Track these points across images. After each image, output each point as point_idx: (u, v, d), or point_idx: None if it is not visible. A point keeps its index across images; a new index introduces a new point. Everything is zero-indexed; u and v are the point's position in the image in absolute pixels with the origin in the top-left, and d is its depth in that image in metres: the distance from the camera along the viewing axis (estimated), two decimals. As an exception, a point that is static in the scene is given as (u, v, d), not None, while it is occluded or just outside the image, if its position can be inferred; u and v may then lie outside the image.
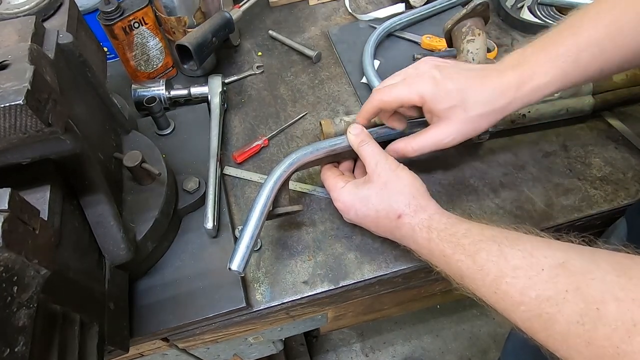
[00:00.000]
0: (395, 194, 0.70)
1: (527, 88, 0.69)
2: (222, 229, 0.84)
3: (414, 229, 0.68)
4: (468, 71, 0.74)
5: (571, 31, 0.68)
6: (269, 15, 1.31)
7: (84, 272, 0.61)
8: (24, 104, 0.46)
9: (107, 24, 0.95)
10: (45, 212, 0.55)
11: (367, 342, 2.11)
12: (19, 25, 0.61)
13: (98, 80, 0.75)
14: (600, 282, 0.47)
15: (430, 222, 0.67)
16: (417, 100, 0.72)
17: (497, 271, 0.56)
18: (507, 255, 0.56)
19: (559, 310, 0.49)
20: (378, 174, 0.72)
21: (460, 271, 0.61)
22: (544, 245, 0.56)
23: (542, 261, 0.53)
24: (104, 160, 0.72)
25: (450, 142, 0.75)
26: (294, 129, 1.02)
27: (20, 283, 0.42)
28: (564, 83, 0.69)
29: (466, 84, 0.71)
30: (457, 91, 0.71)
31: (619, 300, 0.45)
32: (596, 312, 0.46)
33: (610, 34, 0.65)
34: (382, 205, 0.71)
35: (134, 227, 0.74)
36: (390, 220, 0.71)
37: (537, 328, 0.52)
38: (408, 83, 0.74)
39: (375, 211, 0.72)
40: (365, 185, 0.73)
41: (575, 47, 0.67)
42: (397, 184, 0.71)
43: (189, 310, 0.76)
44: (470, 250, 0.60)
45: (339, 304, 0.90)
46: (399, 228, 0.70)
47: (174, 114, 1.02)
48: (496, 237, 0.60)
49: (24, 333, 0.43)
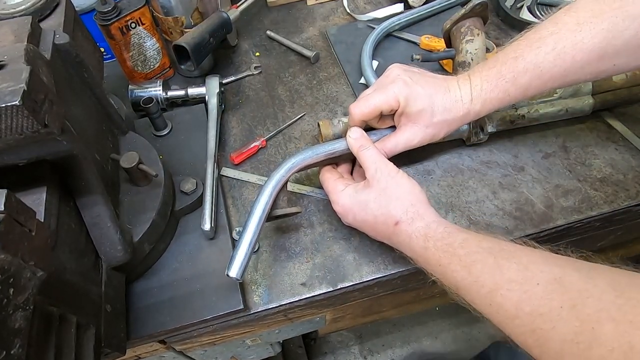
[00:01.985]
0: (394, 200, 0.70)
1: (479, 102, 0.76)
2: (219, 231, 0.84)
3: (411, 237, 0.68)
4: (434, 79, 0.80)
5: (514, 55, 0.74)
6: (267, 16, 1.31)
7: (80, 273, 0.61)
8: (20, 105, 0.46)
9: (104, 24, 0.95)
10: (41, 214, 0.55)
11: (366, 345, 2.10)
12: (15, 26, 0.60)
13: (95, 80, 0.75)
14: (596, 300, 0.47)
15: (427, 230, 0.67)
16: (394, 103, 0.76)
17: (492, 283, 0.57)
18: (503, 268, 0.56)
19: (553, 327, 0.49)
20: (377, 180, 0.72)
21: (456, 282, 0.62)
22: (540, 259, 0.56)
23: (538, 275, 0.53)
24: (100, 161, 0.71)
25: (418, 143, 0.80)
26: (292, 130, 1.02)
27: (16, 285, 0.41)
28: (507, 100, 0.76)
29: (433, 91, 0.77)
30: (426, 96, 0.76)
31: (615, 321, 0.44)
32: (591, 332, 0.46)
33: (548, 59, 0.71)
34: (380, 211, 0.71)
35: (131, 228, 0.74)
36: (387, 227, 0.71)
37: (532, 343, 0.52)
38: (383, 89, 0.78)
39: (374, 217, 0.72)
40: (364, 190, 0.74)
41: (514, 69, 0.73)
42: (395, 191, 0.71)
43: (186, 312, 0.75)
44: (465, 262, 0.60)
45: (338, 306, 0.89)
46: (396, 235, 0.70)
47: (171, 115, 1.02)
48: (493, 249, 0.60)
49: (20, 335, 0.42)
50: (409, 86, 0.76)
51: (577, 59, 0.69)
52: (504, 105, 0.77)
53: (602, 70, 0.71)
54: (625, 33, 0.66)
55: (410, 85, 0.76)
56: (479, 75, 0.77)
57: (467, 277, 0.60)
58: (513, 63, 0.73)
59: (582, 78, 0.73)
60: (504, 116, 0.90)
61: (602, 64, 0.70)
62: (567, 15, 0.71)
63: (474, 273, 0.59)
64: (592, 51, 0.68)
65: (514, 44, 0.75)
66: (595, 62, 0.69)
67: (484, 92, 0.76)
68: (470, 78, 0.78)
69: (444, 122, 0.78)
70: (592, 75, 0.72)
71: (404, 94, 0.75)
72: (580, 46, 0.68)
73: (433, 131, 0.79)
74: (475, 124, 0.89)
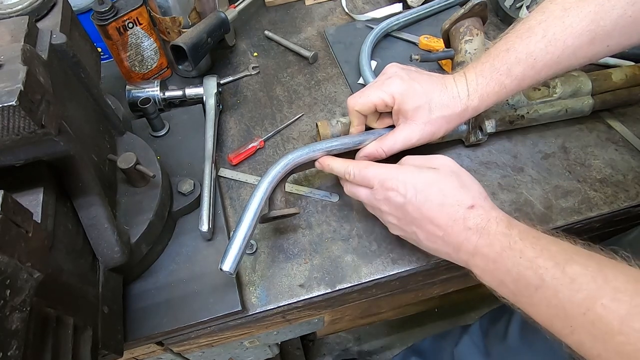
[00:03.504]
0: (469, 184, 0.68)
1: (476, 97, 0.76)
2: (217, 232, 0.83)
3: (490, 221, 0.62)
4: (430, 76, 0.79)
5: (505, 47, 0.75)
6: (265, 16, 1.30)
7: (77, 275, 0.60)
8: (16, 105, 0.45)
9: (101, 24, 0.94)
10: (38, 215, 0.55)
11: (364, 346, 2.10)
12: (12, 26, 0.60)
13: (92, 81, 0.75)
14: None
15: (509, 220, 0.62)
16: (389, 99, 0.76)
17: (592, 289, 0.49)
18: (608, 275, 0.50)
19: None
20: (444, 164, 0.71)
21: (541, 279, 0.54)
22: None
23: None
24: (97, 162, 0.71)
25: (417, 142, 0.79)
26: (290, 131, 1.02)
27: (13, 286, 0.41)
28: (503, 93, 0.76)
29: (430, 88, 0.77)
30: (424, 92, 0.76)
31: None
32: None
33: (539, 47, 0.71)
34: (453, 192, 0.66)
35: (128, 229, 0.73)
36: (459, 208, 0.65)
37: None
38: (379, 85, 0.78)
39: (443, 195, 0.66)
40: (429, 170, 0.70)
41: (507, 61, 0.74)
42: (468, 177, 0.69)
43: (183, 313, 0.75)
44: (559, 258, 0.54)
45: (336, 307, 0.89)
46: (467, 219, 0.64)
47: (168, 115, 1.02)
48: (592, 255, 0.53)
49: (16, 337, 0.42)
50: (406, 82, 0.76)
51: (568, 44, 0.70)
52: (501, 99, 0.77)
53: (595, 52, 0.71)
54: (612, 13, 0.67)
55: (406, 82, 0.76)
56: (474, 71, 0.77)
57: (559, 276, 0.52)
58: (505, 55, 0.74)
59: (575, 63, 0.73)
60: (503, 116, 0.89)
61: (594, 47, 0.70)
62: (553, 4, 0.72)
63: (569, 273, 0.52)
64: (582, 34, 0.69)
65: (505, 37, 0.76)
66: (587, 45, 0.70)
67: (480, 86, 0.76)
68: (465, 74, 0.78)
69: (442, 118, 0.77)
70: (587, 58, 0.72)
71: (399, 90, 0.75)
72: (570, 31, 0.69)
73: (432, 129, 0.78)
74: (474, 125, 0.89)
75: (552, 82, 0.91)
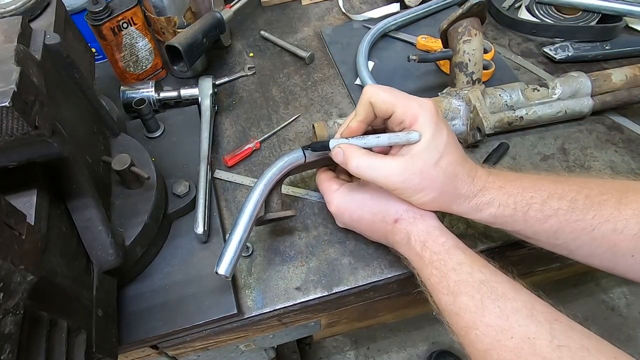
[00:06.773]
0: (395, 197, 0.67)
1: (485, 214, 0.66)
2: (212, 234, 0.83)
3: (410, 238, 0.66)
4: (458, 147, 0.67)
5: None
6: (261, 16, 1.30)
7: (71, 278, 0.60)
8: (10, 106, 0.45)
9: (95, 25, 0.94)
10: (31, 217, 0.55)
11: (361, 350, 2.10)
12: (5, 26, 0.60)
13: (86, 81, 0.74)
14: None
15: (427, 237, 0.64)
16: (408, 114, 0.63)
17: (470, 321, 0.57)
18: (485, 310, 0.56)
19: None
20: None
21: (440, 303, 0.62)
22: (525, 309, 0.54)
23: (515, 329, 0.53)
24: (91, 163, 0.70)
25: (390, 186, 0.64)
26: (286, 132, 1.01)
27: (6, 289, 0.41)
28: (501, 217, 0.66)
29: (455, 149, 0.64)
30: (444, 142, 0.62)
31: None
32: None
33: None
34: (379, 208, 0.69)
35: (123, 232, 0.73)
36: (386, 224, 0.69)
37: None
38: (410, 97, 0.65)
39: (372, 214, 0.70)
40: (361, 188, 0.72)
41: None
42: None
43: (178, 317, 0.75)
44: (454, 289, 0.60)
45: (333, 310, 0.88)
46: (394, 233, 0.68)
47: (163, 117, 1.01)
48: (483, 284, 0.58)
49: (10, 340, 0.42)
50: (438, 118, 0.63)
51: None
52: (495, 223, 0.68)
53: None
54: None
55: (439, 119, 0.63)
56: (502, 188, 0.65)
57: (451, 304, 0.60)
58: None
59: None
60: (501, 118, 0.89)
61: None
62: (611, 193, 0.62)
63: (457, 304, 0.59)
64: None
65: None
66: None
67: (497, 195, 0.65)
68: (495, 182, 0.66)
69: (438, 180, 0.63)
70: None
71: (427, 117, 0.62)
72: None
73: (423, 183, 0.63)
74: (473, 126, 0.88)
75: (552, 83, 0.91)
